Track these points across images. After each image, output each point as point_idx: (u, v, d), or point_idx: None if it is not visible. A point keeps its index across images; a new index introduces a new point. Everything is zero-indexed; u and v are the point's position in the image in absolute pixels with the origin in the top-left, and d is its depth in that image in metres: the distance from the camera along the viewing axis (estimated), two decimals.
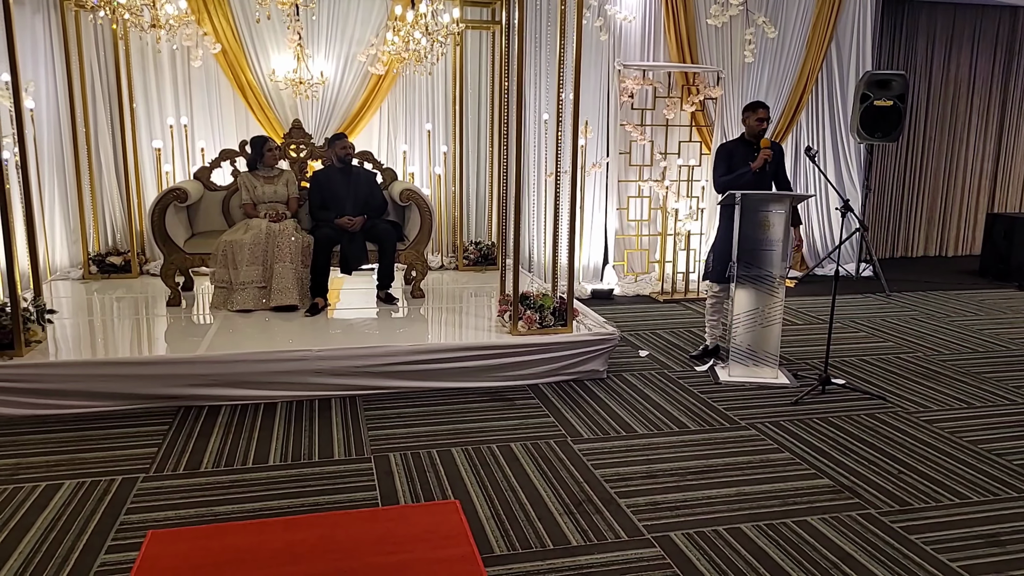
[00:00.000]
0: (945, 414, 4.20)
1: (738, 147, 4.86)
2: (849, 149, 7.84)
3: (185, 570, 2.59)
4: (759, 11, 7.16)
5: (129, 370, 4.00)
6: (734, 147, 4.88)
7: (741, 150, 4.82)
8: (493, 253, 6.73)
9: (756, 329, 4.60)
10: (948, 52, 9.00)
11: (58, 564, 2.63)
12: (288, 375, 4.16)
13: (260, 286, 5.05)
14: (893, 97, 7.30)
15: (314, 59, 6.32)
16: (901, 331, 5.94)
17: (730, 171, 4.77)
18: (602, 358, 4.64)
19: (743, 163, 4.74)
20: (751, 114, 4.79)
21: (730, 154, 4.83)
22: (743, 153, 4.80)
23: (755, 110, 4.78)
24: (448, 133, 6.81)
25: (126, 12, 4.88)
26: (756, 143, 4.79)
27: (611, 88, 6.96)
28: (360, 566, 2.63)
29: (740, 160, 4.77)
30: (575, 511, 3.05)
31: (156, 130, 6.34)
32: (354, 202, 5.35)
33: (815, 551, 2.80)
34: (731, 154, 4.82)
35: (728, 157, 4.82)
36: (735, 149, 4.85)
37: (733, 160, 4.79)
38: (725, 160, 4.82)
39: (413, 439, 3.71)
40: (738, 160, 4.77)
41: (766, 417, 4.10)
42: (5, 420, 3.84)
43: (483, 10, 6.67)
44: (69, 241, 6.31)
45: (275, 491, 3.17)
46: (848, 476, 3.41)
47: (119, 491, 3.14)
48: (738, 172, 4.73)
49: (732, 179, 4.72)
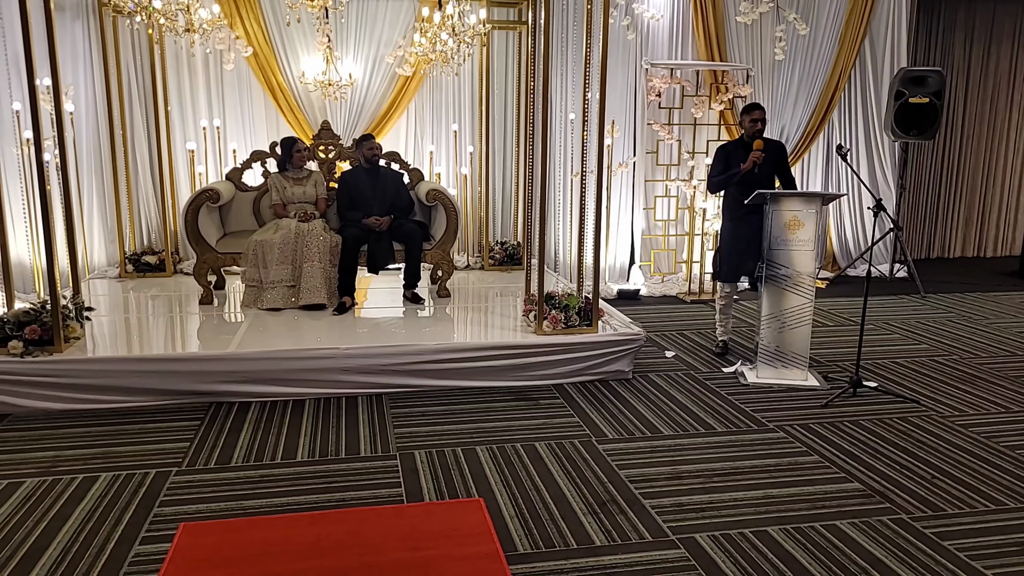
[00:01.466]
0: (981, 418, 4.12)
1: (737, 148, 4.98)
2: (883, 147, 7.71)
3: (215, 562, 2.65)
4: (790, 8, 7.07)
5: (163, 366, 4.09)
6: (733, 148, 5.00)
7: (739, 151, 4.93)
8: (519, 253, 6.74)
9: (785, 330, 4.55)
10: (987, 47, 8.79)
11: (94, 554, 2.70)
12: (316, 373, 4.22)
13: (289, 285, 5.13)
14: (929, 94, 7.16)
15: (343, 61, 6.39)
16: (936, 333, 5.83)
17: (725, 171, 4.90)
18: (627, 358, 4.62)
19: (738, 163, 4.86)
20: (746, 116, 4.92)
21: (728, 154, 4.95)
22: (741, 153, 4.90)
23: (750, 112, 4.90)
24: (474, 133, 6.84)
25: (161, 17, 4.99)
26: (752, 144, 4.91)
27: (638, 87, 6.93)
28: (385, 561, 2.66)
29: (738, 160, 4.88)
30: (599, 511, 3.05)
31: (190, 132, 6.46)
32: (381, 202, 5.40)
33: (844, 555, 2.76)
34: (729, 155, 4.95)
35: (726, 157, 4.95)
36: (734, 150, 4.97)
37: (730, 160, 4.91)
38: (723, 160, 4.95)
39: (438, 437, 3.74)
40: (735, 160, 4.89)
41: (795, 419, 4.06)
42: (44, 414, 3.95)
43: (509, 10, 6.69)
44: (106, 241, 6.45)
45: (303, 486, 3.22)
46: (879, 480, 3.36)
47: (153, 484, 3.22)
48: (729, 172, 4.86)
49: (723, 179, 4.90)
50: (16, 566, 2.62)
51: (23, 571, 2.59)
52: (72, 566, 2.63)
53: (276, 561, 2.66)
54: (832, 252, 7.95)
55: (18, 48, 4.58)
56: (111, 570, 2.61)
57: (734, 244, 4.92)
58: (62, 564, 2.64)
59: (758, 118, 4.84)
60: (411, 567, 2.63)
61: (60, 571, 2.60)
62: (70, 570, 2.61)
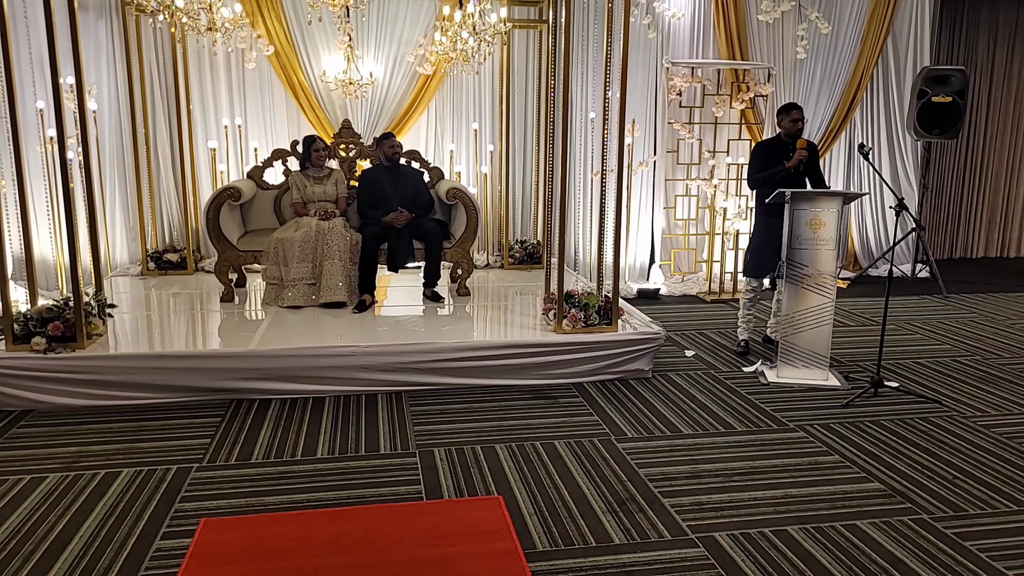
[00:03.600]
0: (1003, 419, 4.06)
1: (774, 146, 4.97)
2: (905, 147, 7.62)
3: (236, 557, 2.67)
4: (812, 6, 7.01)
5: (184, 363, 4.12)
6: (770, 145, 4.99)
7: (777, 149, 4.93)
8: (538, 252, 6.74)
9: (806, 330, 4.51)
10: (1012, 47, 8.68)
11: (116, 548, 2.73)
12: (336, 370, 4.23)
13: (310, 283, 5.16)
14: (952, 93, 7.08)
15: (363, 60, 6.42)
16: (959, 333, 5.76)
17: (765, 169, 4.87)
18: (647, 357, 4.61)
19: (779, 161, 4.85)
20: (785, 116, 4.92)
21: (767, 152, 4.94)
22: (779, 152, 4.89)
23: (789, 112, 4.90)
24: (495, 132, 6.84)
25: (184, 16, 5.04)
26: (792, 143, 4.89)
27: (659, 86, 6.90)
28: (404, 558, 2.66)
29: (776, 158, 4.87)
30: (618, 509, 3.04)
31: (211, 130, 6.52)
32: (401, 201, 5.41)
33: (864, 555, 2.73)
34: (767, 152, 4.94)
35: (764, 155, 4.93)
36: (771, 148, 4.96)
37: (769, 158, 4.89)
38: (761, 158, 4.94)
39: (457, 435, 3.75)
40: (774, 158, 4.88)
41: (815, 419, 4.02)
42: (67, 410, 3.99)
43: (530, 9, 6.68)
44: (129, 238, 6.52)
45: (322, 483, 3.23)
46: (900, 480, 3.33)
47: (174, 480, 3.24)
48: (772, 170, 4.84)
49: (766, 176, 4.86)
50: (38, 561, 2.65)
51: (45, 565, 2.62)
52: (94, 561, 2.65)
53: (296, 557, 2.67)
54: (854, 252, 7.87)
55: (42, 47, 4.63)
56: (132, 565, 2.63)
57: (767, 241, 4.88)
58: (84, 559, 2.67)
59: (798, 117, 4.86)
60: (430, 564, 2.63)
61: (82, 565, 2.63)
62: (91, 565, 2.63)
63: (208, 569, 2.60)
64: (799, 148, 4.79)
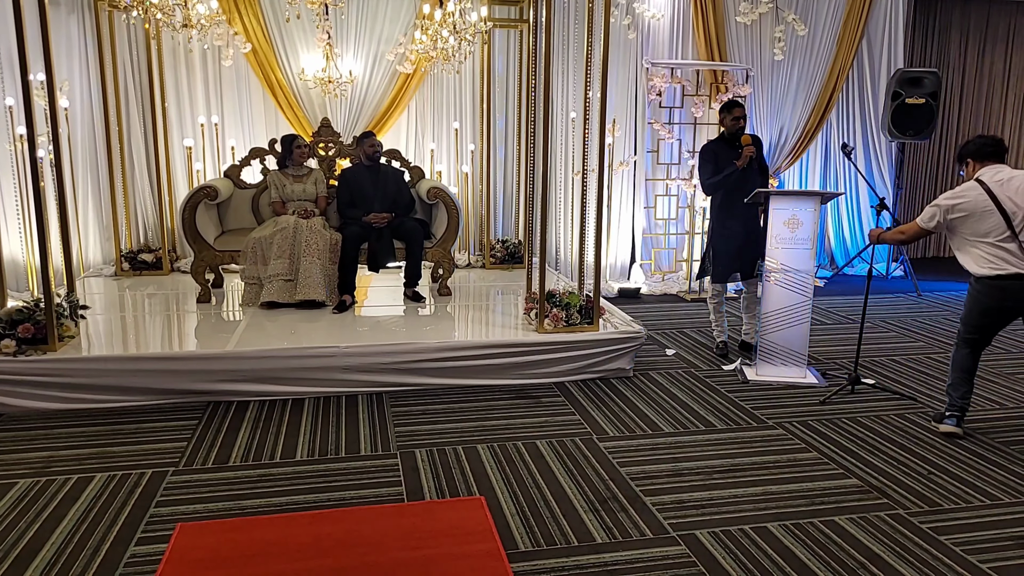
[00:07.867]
0: (976, 415, 4.12)
1: (721, 147, 4.99)
2: (880, 147, 7.72)
3: (213, 562, 2.62)
4: (789, 8, 7.08)
5: (160, 365, 4.05)
6: (718, 147, 5.00)
7: (725, 149, 4.94)
8: (520, 251, 6.73)
9: (784, 328, 4.55)
10: (982, 49, 8.82)
11: (89, 555, 2.67)
12: (316, 371, 4.19)
13: (287, 279, 5.07)
14: (925, 95, 7.18)
15: (343, 58, 6.37)
16: (932, 331, 5.84)
17: (717, 171, 4.88)
18: (628, 356, 4.61)
19: (728, 162, 4.85)
20: (727, 115, 4.96)
21: (715, 155, 4.94)
22: (727, 152, 4.90)
23: (731, 110, 4.95)
24: (475, 131, 6.82)
25: (158, 12, 4.96)
26: (737, 141, 4.90)
27: (639, 86, 6.92)
28: (385, 560, 2.64)
29: (725, 159, 4.88)
30: (600, 508, 3.04)
31: (187, 128, 6.43)
32: (382, 200, 5.38)
33: (842, 551, 2.76)
34: (716, 155, 4.94)
35: (714, 158, 4.93)
36: (719, 149, 4.97)
37: (719, 160, 4.90)
38: (711, 161, 4.94)
39: (439, 435, 3.72)
40: (724, 159, 4.88)
41: (793, 416, 4.05)
42: (38, 413, 3.91)
43: (511, 8, 6.67)
44: (102, 238, 6.42)
45: (302, 486, 3.20)
46: (877, 476, 3.36)
47: (149, 484, 3.19)
48: (725, 172, 4.84)
49: (721, 179, 4.87)
50: (7, 569, 2.58)
51: (16, 573, 2.56)
52: (66, 568, 2.59)
53: (275, 561, 2.64)
54: (830, 251, 7.96)
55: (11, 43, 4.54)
56: (106, 572, 2.57)
57: (726, 244, 4.91)
58: (56, 566, 2.60)
59: (739, 115, 4.91)
60: (412, 566, 2.61)
61: (54, 573, 2.56)
62: (63, 572, 2.57)
63: (185, 575, 2.55)
64: (745, 145, 4.82)
